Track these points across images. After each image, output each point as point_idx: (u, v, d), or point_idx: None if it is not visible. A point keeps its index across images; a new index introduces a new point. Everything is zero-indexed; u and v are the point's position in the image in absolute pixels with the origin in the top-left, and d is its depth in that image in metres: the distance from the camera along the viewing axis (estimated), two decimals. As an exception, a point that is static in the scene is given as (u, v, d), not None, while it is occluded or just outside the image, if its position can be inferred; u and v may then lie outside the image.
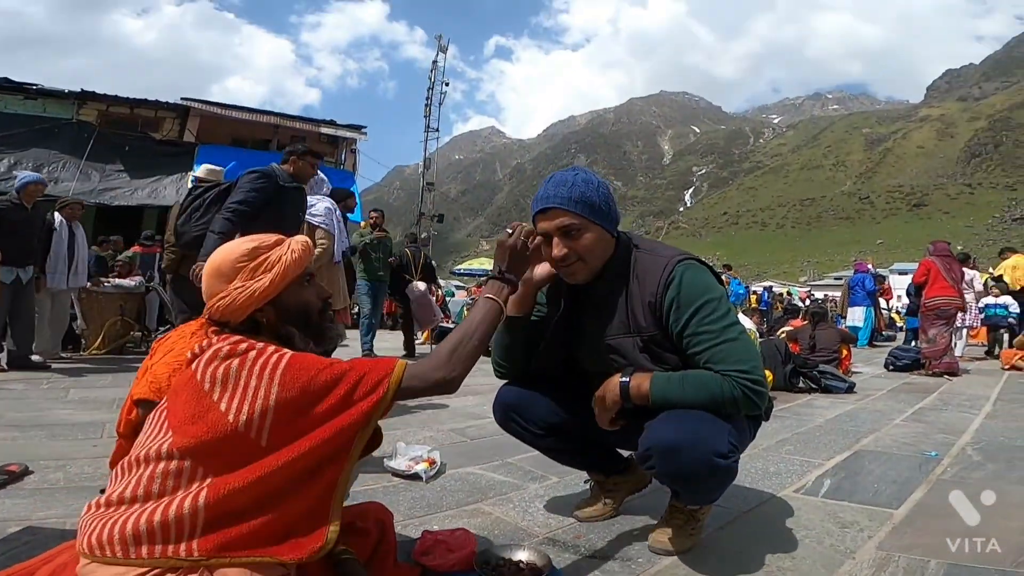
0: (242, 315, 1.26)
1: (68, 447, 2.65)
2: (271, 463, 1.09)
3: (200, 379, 1.14)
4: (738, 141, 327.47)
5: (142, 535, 1.02)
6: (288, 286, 1.30)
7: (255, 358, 1.15)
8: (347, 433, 1.15)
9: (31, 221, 5.25)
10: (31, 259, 5.27)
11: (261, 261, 1.27)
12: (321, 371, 1.16)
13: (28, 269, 5.24)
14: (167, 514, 1.03)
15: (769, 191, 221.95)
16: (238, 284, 1.25)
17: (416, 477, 2.27)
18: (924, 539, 1.75)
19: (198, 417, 1.11)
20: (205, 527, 1.05)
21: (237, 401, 1.11)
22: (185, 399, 1.14)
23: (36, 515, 1.79)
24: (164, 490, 1.07)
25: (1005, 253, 9.76)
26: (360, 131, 16.39)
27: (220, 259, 1.28)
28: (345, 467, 1.17)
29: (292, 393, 1.12)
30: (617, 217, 1.62)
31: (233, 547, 1.05)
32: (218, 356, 1.15)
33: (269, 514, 1.09)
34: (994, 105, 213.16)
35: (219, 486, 1.07)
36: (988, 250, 68.68)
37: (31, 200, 5.22)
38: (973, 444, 3.05)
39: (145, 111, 14.58)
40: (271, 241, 1.32)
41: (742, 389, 1.43)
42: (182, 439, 1.09)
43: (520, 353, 1.75)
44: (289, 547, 1.10)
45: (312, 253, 1.38)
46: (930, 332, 6.51)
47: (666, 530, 1.66)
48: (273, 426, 1.11)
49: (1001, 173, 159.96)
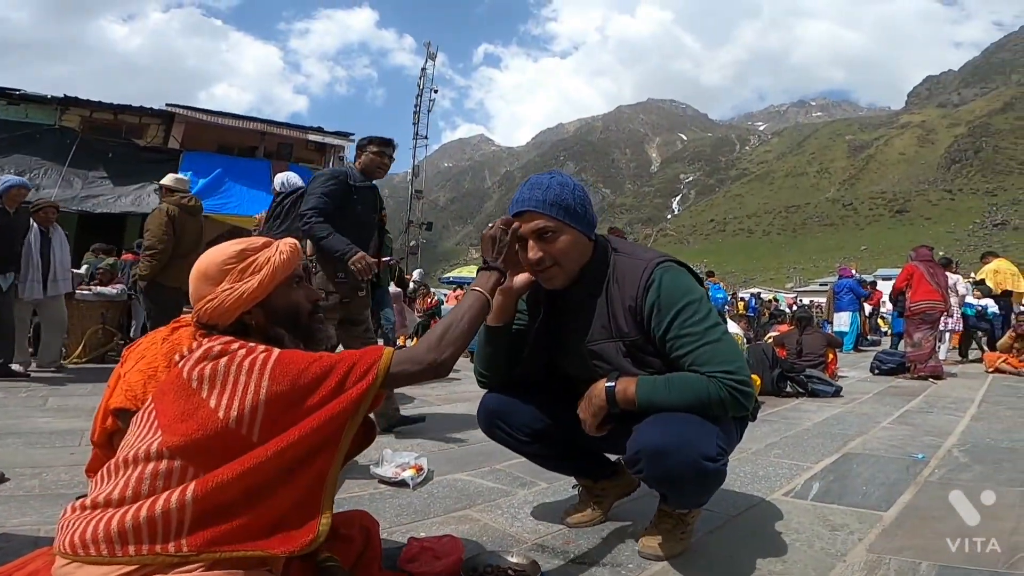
0: (230, 317, 1.25)
1: (45, 455, 2.60)
2: (261, 453, 1.08)
3: (187, 378, 1.13)
4: (724, 148, 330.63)
5: (128, 533, 0.99)
6: (277, 288, 1.29)
7: (244, 355, 1.14)
8: (337, 421, 1.14)
9: (13, 226, 5.03)
10: (11, 266, 5.07)
11: (249, 263, 1.27)
12: (311, 364, 1.15)
13: (8, 276, 5.04)
14: (154, 510, 1.01)
15: (755, 198, 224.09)
16: (226, 286, 1.24)
17: (403, 484, 2.24)
18: (915, 541, 1.75)
19: (188, 415, 1.09)
20: (193, 523, 1.02)
21: (227, 398, 1.10)
22: (173, 398, 1.12)
23: (10, 522, 1.76)
24: (153, 490, 1.05)
25: (986, 257, 9.91)
26: (348, 138, 16.34)
27: (207, 262, 1.27)
28: (335, 457, 1.16)
29: (282, 387, 1.12)
30: (594, 220, 1.62)
31: (222, 541, 1.03)
32: (208, 355, 1.14)
33: (259, 507, 1.07)
34: (973, 111, 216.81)
35: (208, 479, 1.04)
36: (970, 255, 69.80)
37: (14, 204, 5.02)
38: (959, 446, 3.06)
39: (129, 117, 14.44)
40: (259, 243, 1.31)
41: (728, 390, 1.42)
42: (172, 438, 1.07)
43: (502, 361, 1.72)
44: (279, 540, 1.08)
45: (300, 255, 1.36)
46: (915, 336, 6.58)
47: (655, 535, 1.64)
48: (264, 421, 1.10)
49: (981, 179, 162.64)
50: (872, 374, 6.97)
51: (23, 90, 12.93)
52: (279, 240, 1.35)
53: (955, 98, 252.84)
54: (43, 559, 1.14)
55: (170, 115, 14.38)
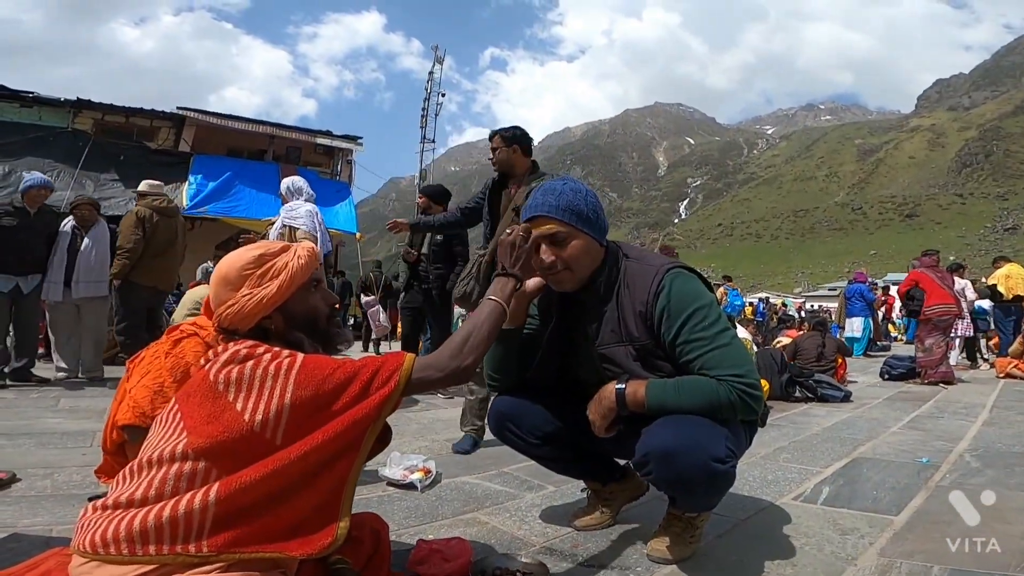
0: (250, 322, 1.27)
1: (57, 456, 2.62)
2: (284, 456, 1.09)
3: (214, 380, 1.15)
4: (732, 152, 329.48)
5: (150, 532, 1.00)
6: (295, 292, 1.31)
7: (270, 360, 1.16)
8: (360, 426, 1.16)
9: (33, 227, 4.86)
10: (34, 267, 4.90)
11: (268, 268, 1.29)
12: (335, 371, 1.17)
13: (30, 278, 4.88)
14: (176, 510, 1.02)
15: (763, 202, 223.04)
16: (246, 291, 1.26)
17: (411, 487, 2.25)
18: (926, 545, 1.74)
19: (214, 417, 1.11)
20: (215, 524, 1.03)
21: (253, 401, 1.12)
22: (200, 400, 1.14)
23: (22, 522, 1.77)
24: (177, 491, 1.06)
25: (998, 262, 9.81)
26: (356, 142, 16.42)
27: (227, 267, 1.30)
28: (357, 461, 1.18)
29: (307, 392, 1.13)
30: (605, 226, 1.65)
31: (243, 543, 1.04)
32: (235, 359, 1.16)
33: (280, 509, 1.09)
34: (984, 115, 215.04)
35: (231, 481, 1.06)
36: (981, 260, 69.14)
37: (35, 204, 4.87)
38: (971, 451, 3.04)
39: (141, 120, 14.60)
40: (277, 248, 1.33)
41: (738, 393, 1.43)
42: (198, 439, 1.09)
43: (513, 365, 1.74)
44: (299, 543, 1.09)
45: (318, 259, 1.38)
46: (927, 341, 6.53)
47: (664, 538, 1.64)
48: (288, 425, 1.12)
49: (992, 183, 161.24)
50: (882, 379, 6.92)
51: (36, 93, 13.12)
52: (297, 244, 1.37)
53: (965, 101, 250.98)
54: (56, 559, 1.15)
55: (181, 118, 14.52)
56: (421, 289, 4.76)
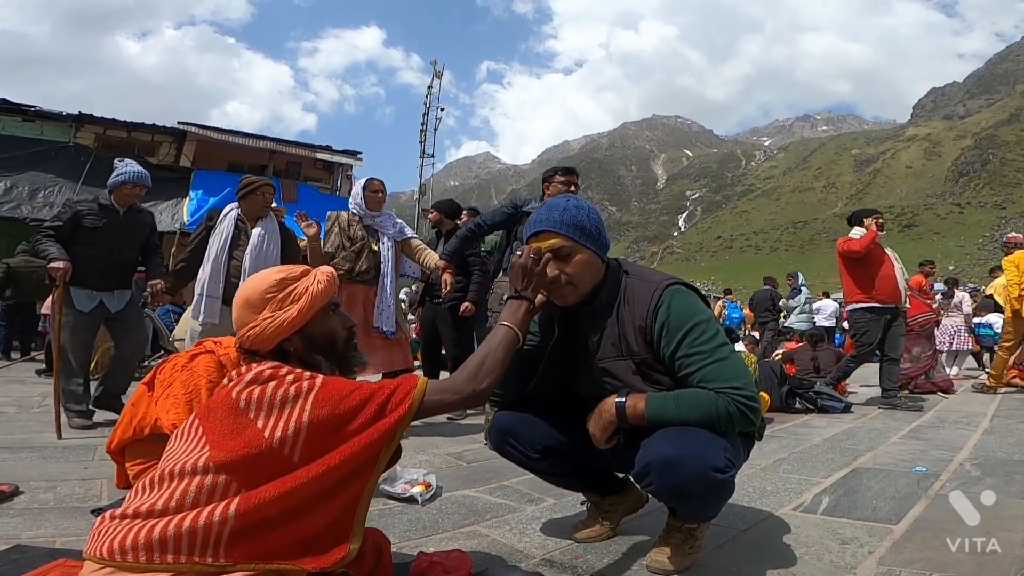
0: (271, 344, 1.32)
1: (59, 469, 2.63)
2: (303, 475, 1.12)
3: (236, 399, 1.18)
4: (730, 164, 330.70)
5: (169, 541, 1.03)
6: (315, 316, 1.35)
7: (292, 381, 1.20)
8: (376, 447, 1.20)
9: (122, 230, 3.82)
10: (121, 282, 3.91)
11: (289, 292, 1.33)
12: (352, 393, 1.21)
13: (117, 294, 3.86)
14: (197, 521, 1.04)
15: (762, 214, 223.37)
16: (267, 314, 1.31)
17: (412, 500, 2.25)
18: (926, 553, 1.74)
19: (236, 433, 1.15)
20: (232, 536, 1.06)
21: (273, 420, 1.15)
22: (222, 416, 1.18)
23: (25, 534, 1.78)
24: (197, 503, 1.09)
25: (996, 272, 9.83)
26: (356, 157, 16.49)
27: (250, 290, 1.34)
28: (370, 480, 1.21)
29: (324, 412, 1.17)
30: (607, 243, 1.68)
31: (258, 556, 1.07)
32: (259, 379, 1.20)
33: (295, 524, 1.12)
34: (979, 123, 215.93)
35: (251, 496, 1.09)
36: (979, 269, 69.10)
37: (126, 203, 3.82)
38: (971, 460, 3.04)
39: (142, 135, 14.69)
40: (298, 272, 1.38)
41: (736, 405, 1.45)
42: (220, 453, 1.12)
43: (514, 380, 1.75)
44: (312, 558, 1.12)
45: (336, 283, 1.43)
46: (914, 350, 6.57)
47: (664, 549, 1.64)
48: (305, 444, 1.15)
49: (989, 192, 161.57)
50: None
51: (39, 107, 13.21)
52: (317, 268, 1.41)
53: (960, 110, 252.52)
54: (59, 570, 1.17)
55: (182, 133, 14.61)
56: (433, 304, 4.83)
